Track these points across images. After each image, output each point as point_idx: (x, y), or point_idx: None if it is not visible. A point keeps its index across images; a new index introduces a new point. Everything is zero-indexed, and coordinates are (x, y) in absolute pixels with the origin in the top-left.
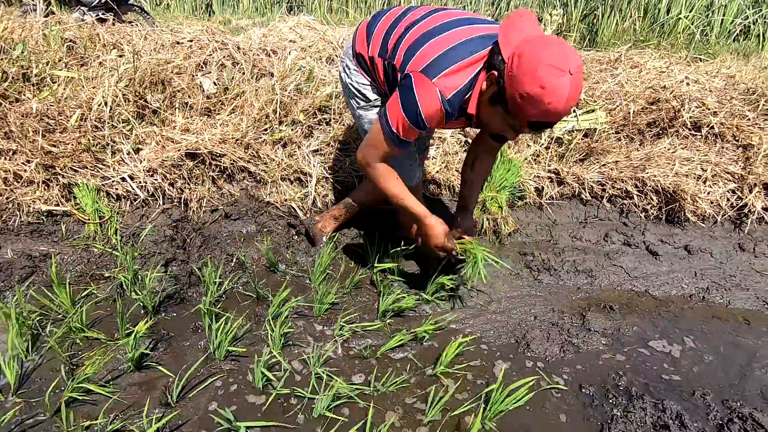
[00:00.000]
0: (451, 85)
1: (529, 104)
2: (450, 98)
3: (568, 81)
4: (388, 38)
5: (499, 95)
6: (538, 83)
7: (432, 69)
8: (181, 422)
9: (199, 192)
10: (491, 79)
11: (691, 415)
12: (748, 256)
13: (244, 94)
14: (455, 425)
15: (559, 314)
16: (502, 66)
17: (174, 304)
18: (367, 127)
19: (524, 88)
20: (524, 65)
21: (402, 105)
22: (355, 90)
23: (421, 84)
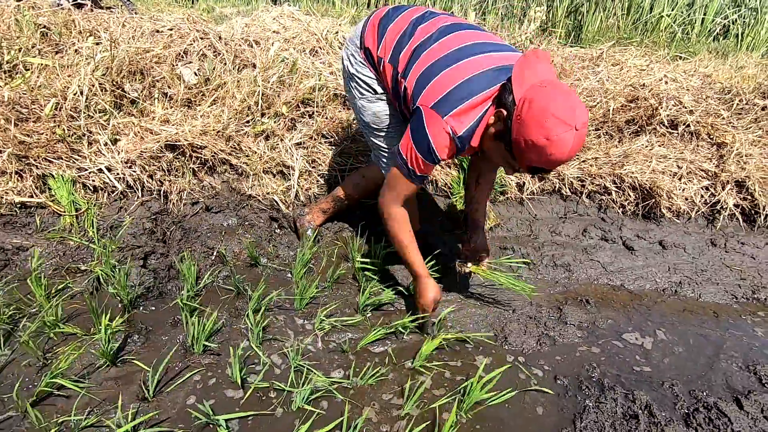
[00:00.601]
0: (461, 124)
1: (532, 151)
2: (461, 135)
3: (572, 136)
4: (401, 48)
5: (504, 134)
6: (544, 134)
7: (443, 106)
8: (159, 417)
9: (179, 184)
10: (499, 116)
11: (659, 404)
12: (719, 251)
13: (226, 85)
14: (432, 418)
15: (537, 308)
16: (512, 107)
17: (152, 298)
18: (369, 119)
19: (530, 136)
20: (533, 113)
21: (414, 141)
22: (360, 80)
23: (431, 121)
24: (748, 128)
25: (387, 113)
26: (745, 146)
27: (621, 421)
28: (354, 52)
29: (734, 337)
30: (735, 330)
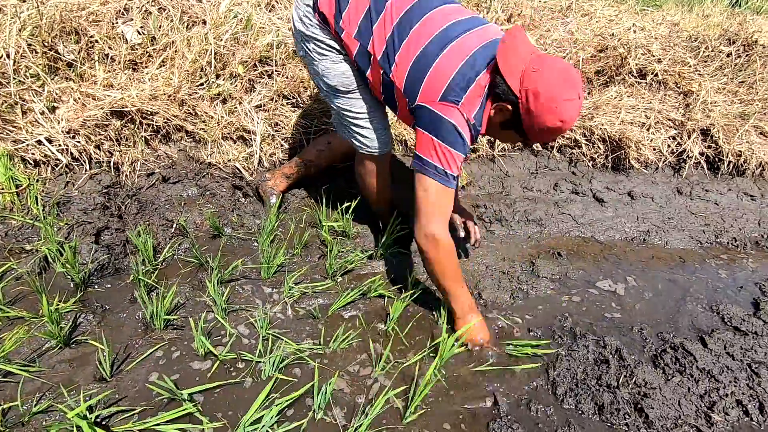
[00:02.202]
0: (471, 110)
1: (548, 133)
2: (474, 122)
3: (579, 104)
4: (369, 25)
5: (512, 123)
6: (558, 118)
7: (451, 96)
8: (118, 396)
9: (131, 154)
10: (502, 109)
11: (629, 348)
12: (684, 199)
13: (174, 44)
14: (406, 377)
15: (510, 263)
16: (512, 98)
17: (108, 275)
18: (336, 81)
19: (545, 123)
20: (542, 103)
21: (440, 137)
22: (318, 42)
23: (448, 111)
24: (713, 76)
25: (354, 73)
26: (710, 94)
27: (592, 367)
28: (307, 12)
29: (699, 280)
30: (700, 273)
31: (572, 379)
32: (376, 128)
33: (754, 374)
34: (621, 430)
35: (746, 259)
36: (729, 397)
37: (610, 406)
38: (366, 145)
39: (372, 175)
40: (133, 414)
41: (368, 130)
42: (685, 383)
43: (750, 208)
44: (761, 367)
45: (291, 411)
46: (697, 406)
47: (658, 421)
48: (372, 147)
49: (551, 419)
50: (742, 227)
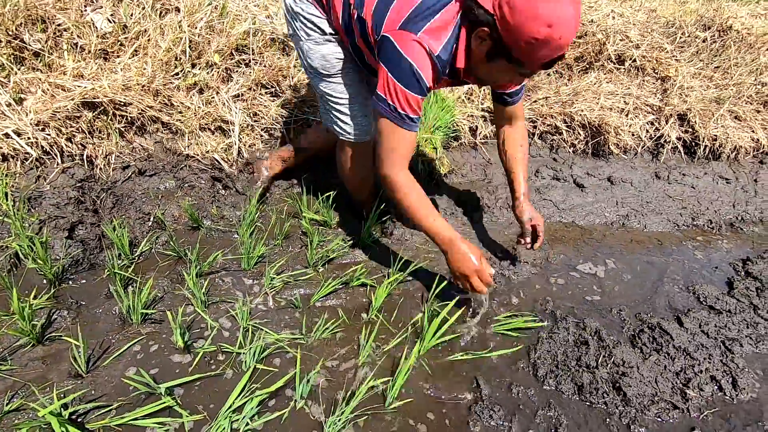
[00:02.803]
0: (437, 39)
1: (539, 47)
2: (439, 53)
3: (569, 4)
4: None
5: (496, 49)
6: (544, 23)
7: (411, 25)
8: (95, 393)
9: (105, 147)
10: (481, 36)
11: (608, 329)
12: (662, 183)
13: (147, 32)
14: (389, 365)
15: (492, 249)
16: (489, 18)
17: (83, 270)
18: (317, 63)
19: (530, 34)
20: (521, 10)
21: (393, 74)
22: (305, 19)
23: (405, 42)
24: (690, 61)
25: (337, 56)
26: (686, 79)
27: (572, 348)
28: None
29: (677, 262)
30: (677, 255)
31: (553, 361)
32: (355, 115)
33: (728, 351)
34: (600, 408)
35: (721, 240)
36: (703, 373)
37: (589, 386)
38: (345, 131)
39: (352, 163)
40: (110, 410)
41: (348, 117)
42: (662, 361)
43: (725, 191)
44: (734, 344)
45: (273, 401)
46: (673, 383)
47: (635, 398)
48: (351, 134)
49: (532, 401)
50: (718, 210)
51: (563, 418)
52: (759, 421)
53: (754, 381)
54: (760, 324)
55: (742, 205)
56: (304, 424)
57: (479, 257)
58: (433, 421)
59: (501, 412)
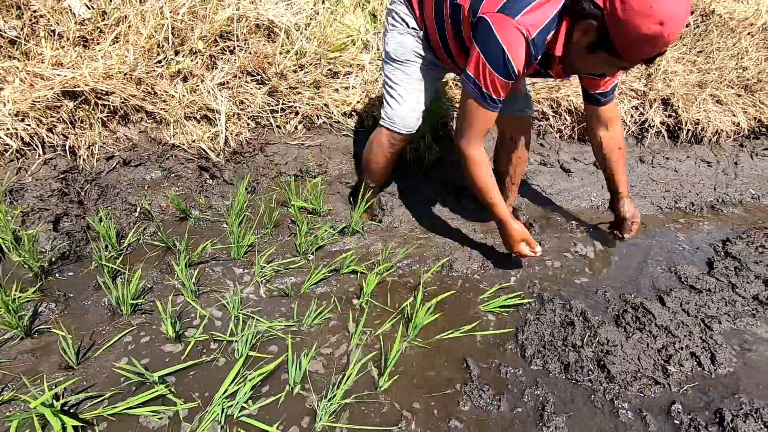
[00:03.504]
0: (535, 23)
1: (645, 43)
2: (534, 38)
3: (681, 2)
4: None
5: (600, 41)
6: (656, 20)
7: (511, 7)
8: (86, 383)
9: (88, 137)
10: (585, 28)
11: (593, 310)
12: (647, 167)
13: (127, 19)
14: (380, 349)
15: (482, 235)
16: (596, 11)
17: (69, 262)
18: (391, 47)
19: (639, 30)
20: (633, 6)
21: (486, 56)
22: (396, 14)
23: (502, 26)
24: (673, 46)
25: (412, 47)
26: (670, 64)
27: (559, 329)
28: None
29: (660, 244)
30: (660, 237)
31: (540, 342)
32: (404, 107)
33: (707, 328)
34: (585, 385)
35: (702, 222)
36: (684, 350)
37: (575, 365)
38: (388, 117)
39: (381, 148)
40: (102, 400)
41: (397, 105)
42: (644, 339)
43: (707, 174)
44: (713, 321)
45: (266, 388)
46: (655, 359)
47: (619, 375)
48: (393, 121)
49: (520, 380)
50: (699, 192)
51: (550, 396)
52: (735, 394)
53: (731, 356)
54: (738, 302)
55: (722, 187)
56: (297, 409)
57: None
58: (423, 401)
59: (490, 391)
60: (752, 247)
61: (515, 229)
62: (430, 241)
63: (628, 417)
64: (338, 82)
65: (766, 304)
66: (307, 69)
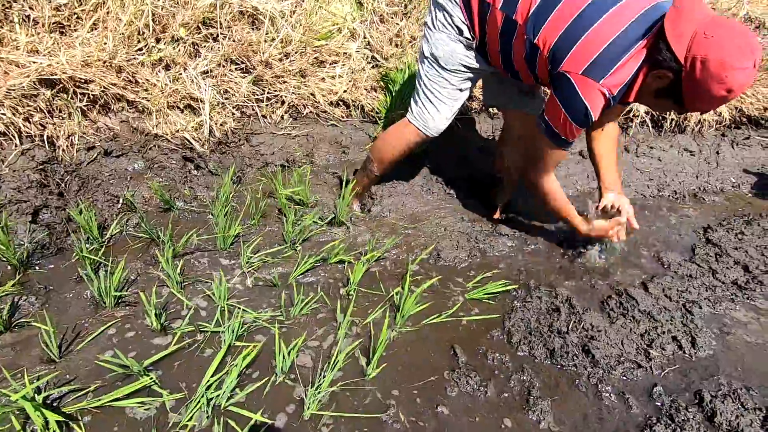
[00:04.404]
0: (617, 83)
1: (710, 103)
2: (615, 95)
3: (752, 73)
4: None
5: (669, 91)
6: (725, 88)
7: (596, 71)
8: (69, 376)
9: (67, 127)
10: (660, 76)
11: (578, 296)
12: (631, 156)
13: (106, 4)
14: (368, 337)
15: (470, 223)
16: (674, 65)
17: (50, 255)
18: (441, 53)
19: (711, 93)
20: (710, 71)
21: (568, 110)
22: (448, 15)
23: (587, 88)
24: None
25: (461, 56)
26: None
27: (545, 315)
28: None
29: (644, 231)
30: (644, 225)
31: (526, 328)
32: (443, 113)
33: (688, 312)
34: (570, 370)
35: (685, 209)
36: (666, 334)
37: (560, 350)
38: (422, 119)
39: (402, 141)
40: (86, 393)
41: (435, 110)
42: (628, 324)
43: (689, 163)
44: (694, 306)
45: (254, 375)
46: (638, 344)
47: (603, 360)
48: (426, 125)
49: (506, 366)
50: (682, 181)
51: (536, 381)
52: (714, 375)
53: (711, 339)
54: (718, 287)
55: (704, 176)
56: (285, 397)
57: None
58: (411, 389)
59: (477, 377)
60: (732, 233)
61: (601, 226)
62: (418, 231)
63: (611, 400)
64: (325, 71)
65: (744, 289)
66: (293, 57)
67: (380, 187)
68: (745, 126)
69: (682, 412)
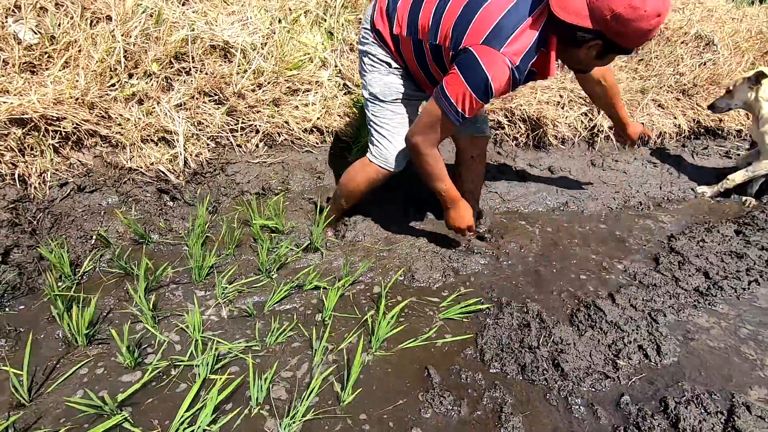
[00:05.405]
0: (518, 51)
1: (648, 33)
2: (519, 65)
3: None
4: (416, 17)
5: (608, 49)
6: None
7: (495, 40)
8: (40, 420)
9: (39, 165)
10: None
11: (548, 311)
12: (597, 170)
13: (77, 43)
14: (343, 363)
15: (443, 243)
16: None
17: (20, 295)
18: (378, 89)
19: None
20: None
21: (467, 81)
22: (373, 57)
23: (487, 56)
24: None
25: (397, 87)
26: (614, 71)
27: (516, 331)
28: (366, 33)
29: (612, 242)
30: (611, 236)
31: (498, 345)
32: (390, 146)
33: (653, 321)
34: (540, 385)
35: (650, 219)
36: (632, 343)
37: (531, 365)
38: (381, 156)
39: (365, 180)
40: None
41: (388, 143)
42: (596, 336)
43: (653, 174)
44: (658, 314)
45: (228, 407)
46: (605, 355)
47: (572, 372)
48: (381, 158)
49: (479, 384)
50: (647, 192)
51: (508, 398)
52: (679, 382)
53: (675, 346)
54: (681, 294)
55: (667, 186)
56: (259, 429)
57: (471, 215)
58: (386, 412)
59: (450, 397)
60: (694, 241)
61: (468, 205)
62: (392, 253)
63: (581, 412)
64: (298, 99)
65: (705, 295)
66: (266, 87)
67: (354, 212)
68: (704, 136)
69: (648, 420)
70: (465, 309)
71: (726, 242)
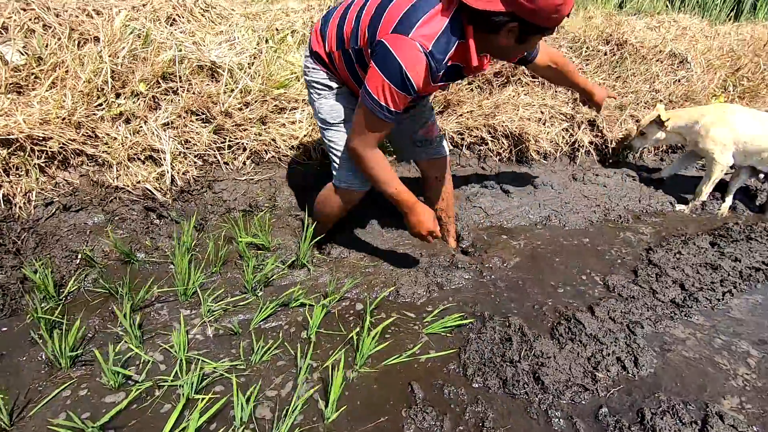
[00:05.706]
0: (428, 35)
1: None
2: (432, 50)
3: None
4: (342, 29)
5: (527, 31)
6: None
7: (402, 27)
8: None
9: (24, 184)
10: (510, 30)
11: (530, 325)
12: (579, 184)
13: (64, 63)
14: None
15: (428, 258)
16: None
17: (3, 317)
18: (325, 114)
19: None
20: None
21: (383, 72)
22: (317, 84)
23: (398, 44)
24: (594, 72)
25: (343, 107)
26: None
27: (498, 345)
28: (307, 62)
29: (592, 256)
30: (592, 249)
31: (480, 360)
32: (351, 167)
33: (631, 333)
34: (521, 398)
35: (629, 232)
36: (611, 355)
37: (512, 379)
38: (339, 178)
39: (335, 203)
40: None
41: (346, 165)
42: (576, 349)
43: (632, 187)
44: (636, 326)
45: (213, 425)
46: (585, 367)
47: (552, 385)
48: (346, 181)
49: (462, 399)
50: (626, 205)
51: (489, 412)
52: (655, 393)
53: (652, 357)
54: (658, 306)
55: (646, 199)
56: None
57: (432, 219)
58: (369, 429)
59: (433, 413)
60: (671, 254)
61: (427, 208)
62: (378, 269)
63: (560, 425)
64: (285, 117)
65: (681, 307)
66: (253, 106)
67: (340, 228)
68: (680, 150)
69: (625, 431)
70: (448, 324)
71: (701, 254)
